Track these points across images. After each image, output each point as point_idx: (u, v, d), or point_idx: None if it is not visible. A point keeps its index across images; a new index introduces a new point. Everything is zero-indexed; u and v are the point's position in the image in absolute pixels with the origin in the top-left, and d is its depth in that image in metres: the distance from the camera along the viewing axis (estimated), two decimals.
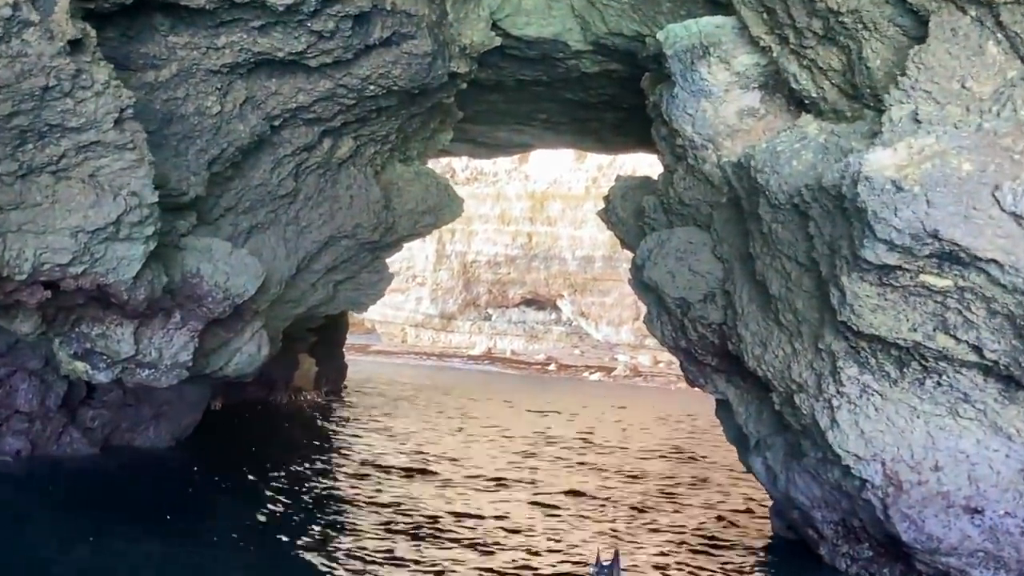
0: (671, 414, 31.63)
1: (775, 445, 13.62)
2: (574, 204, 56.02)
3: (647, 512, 15.61)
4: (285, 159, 14.36)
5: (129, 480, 15.58)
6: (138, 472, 16.27)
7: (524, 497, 16.07)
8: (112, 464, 16.37)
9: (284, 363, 26.86)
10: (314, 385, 30.42)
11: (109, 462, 16.46)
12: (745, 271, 12.42)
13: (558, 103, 19.65)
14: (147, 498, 14.40)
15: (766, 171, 10.84)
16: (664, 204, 14.67)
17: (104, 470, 15.94)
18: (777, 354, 11.83)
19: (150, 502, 14.05)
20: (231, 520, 13.40)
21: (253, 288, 13.87)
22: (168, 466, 16.90)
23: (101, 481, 15.19)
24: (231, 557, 11.58)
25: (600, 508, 15.64)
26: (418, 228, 18.06)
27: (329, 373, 31.79)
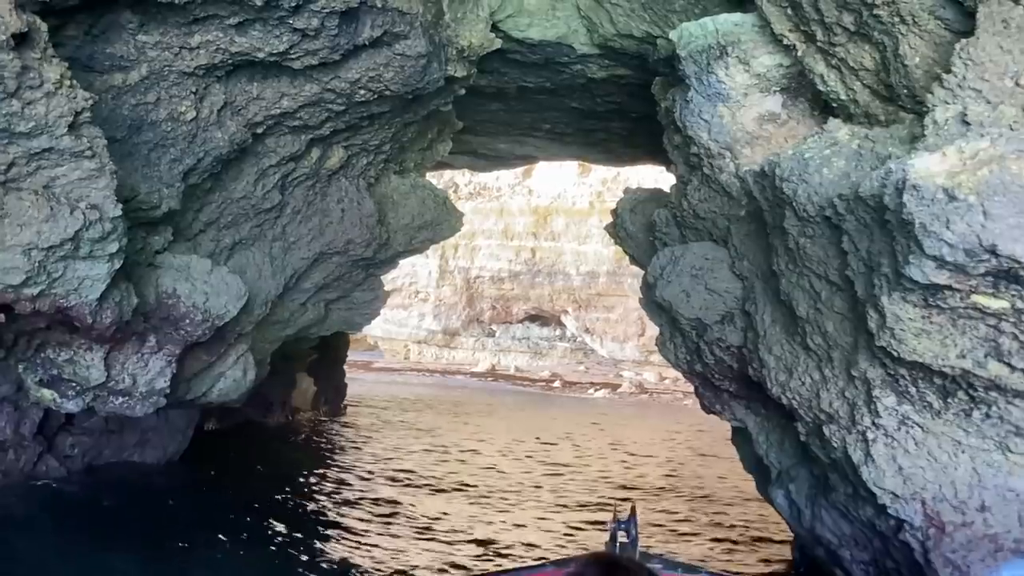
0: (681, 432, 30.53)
1: (799, 477, 12.59)
2: (578, 219, 55.97)
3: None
4: (270, 170, 13.36)
5: (107, 502, 14.67)
6: (119, 494, 15.37)
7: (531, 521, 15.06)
8: (90, 486, 15.49)
9: (281, 383, 26.19)
10: (312, 405, 29.75)
11: (87, 484, 15.60)
12: (768, 290, 11.40)
13: (563, 112, 18.70)
14: (123, 520, 13.72)
15: (793, 180, 9.82)
16: (677, 217, 13.67)
17: (81, 492, 15.08)
18: (804, 381, 10.78)
19: (125, 524, 13.41)
20: (207, 546, 12.71)
21: (235, 309, 12.87)
22: (151, 488, 15.97)
23: (77, 502, 14.38)
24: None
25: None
26: (415, 244, 17.02)
27: (328, 392, 31.11)
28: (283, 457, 20.62)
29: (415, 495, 16.79)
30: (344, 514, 15.17)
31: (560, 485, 18.96)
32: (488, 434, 27.82)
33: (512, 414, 34.21)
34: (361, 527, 14.49)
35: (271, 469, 18.72)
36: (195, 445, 18.84)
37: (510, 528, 14.82)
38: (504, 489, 17.43)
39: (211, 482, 16.98)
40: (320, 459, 20.88)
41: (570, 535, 15.09)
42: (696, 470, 22.52)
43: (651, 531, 15.56)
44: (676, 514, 17.35)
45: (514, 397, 42.99)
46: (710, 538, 15.76)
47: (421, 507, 15.87)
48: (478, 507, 15.99)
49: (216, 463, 18.83)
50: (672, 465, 23.03)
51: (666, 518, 16.93)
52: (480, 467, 20.54)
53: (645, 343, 53.69)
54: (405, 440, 24.71)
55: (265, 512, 14.52)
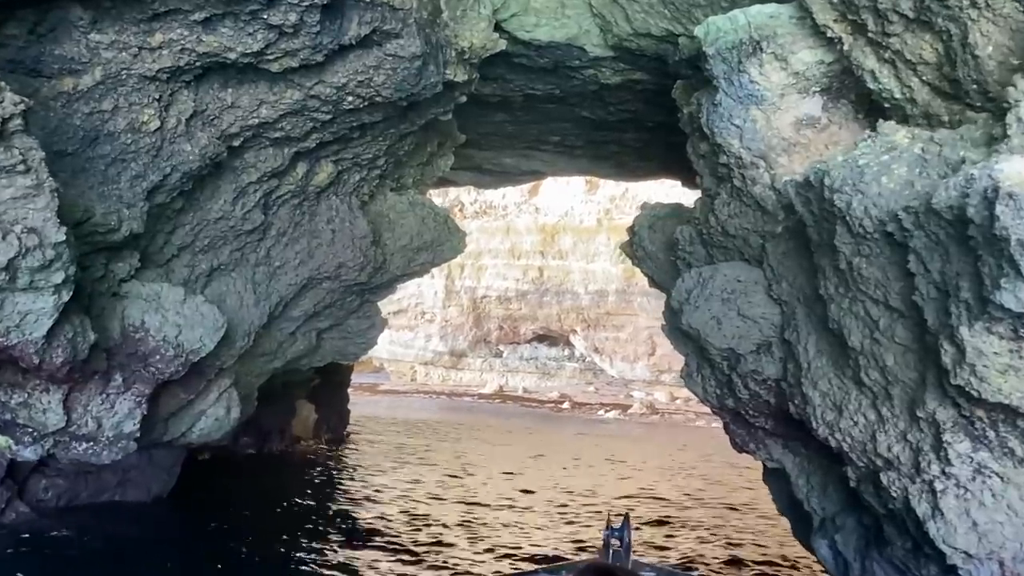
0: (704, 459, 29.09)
1: (846, 527, 11.20)
2: (586, 237, 55.27)
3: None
4: (250, 187, 12.04)
5: (73, 550, 13.34)
6: (96, 533, 14.13)
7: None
8: (65, 528, 14.15)
9: (279, 410, 25.22)
10: (314, 433, 28.63)
11: (59, 527, 14.22)
12: (812, 316, 10.04)
13: (572, 123, 17.40)
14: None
15: (846, 191, 8.45)
16: (703, 235, 12.33)
17: (52, 536, 13.76)
18: (857, 421, 9.40)
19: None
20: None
21: (212, 342, 11.55)
22: (124, 533, 14.64)
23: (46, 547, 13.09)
24: None
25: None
26: (413, 267, 15.63)
27: (330, 419, 29.96)
28: (277, 493, 19.10)
29: (415, 538, 15.32)
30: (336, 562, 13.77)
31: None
32: (502, 462, 26.34)
33: (525, 439, 32.73)
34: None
35: (262, 508, 17.26)
36: (185, 479, 17.50)
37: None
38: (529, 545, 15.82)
39: (192, 524, 15.59)
40: (315, 494, 19.43)
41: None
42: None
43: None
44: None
45: (523, 419, 41.58)
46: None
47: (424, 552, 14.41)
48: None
49: (203, 501, 17.45)
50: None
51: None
52: (497, 511, 19.02)
53: (656, 363, 52.92)
54: (408, 471, 23.25)
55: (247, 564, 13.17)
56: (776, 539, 16.88)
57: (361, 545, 14.30)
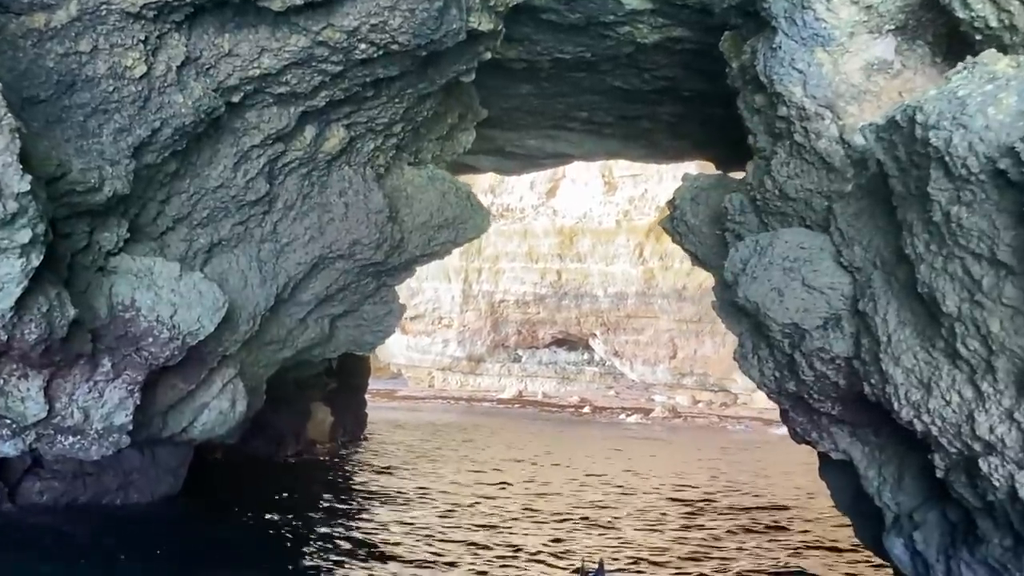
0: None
1: (927, 523, 9.96)
2: (605, 239, 54.44)
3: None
4: (253, 152, 10.86)
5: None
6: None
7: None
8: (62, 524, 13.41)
9: (294, 413, 24.75)
10: (330, 436, 27.79)
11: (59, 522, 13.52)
12: (893, 282, 8.77)
13: (602, 95, 16.22)
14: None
15: (944, 126, 7.18)
16: (756, 202, 11.09)
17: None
18: (950, 399, 8.12)
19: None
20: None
21: (211, 324, 10.35)
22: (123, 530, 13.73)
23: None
24: None
25: None
26: (434, 246, 14.34)
27: (346, 423, 29.15)
28: (288, 497, 17.85)
29: (428, 549, 13.98)
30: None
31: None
32: (525, 469, 25.03)
33: (550, 445, 31.39)
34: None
35: (271, 511, 16.03)
36: (193, 481, 16.68)
37: None
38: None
39: (190, 529, 14.38)
40: (328, 499, 18.17)
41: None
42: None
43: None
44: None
45: (545, 425, 40.32)
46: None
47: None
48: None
49: (209, 504, 16.32)
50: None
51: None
52: (511, 520, 17.68)
53: (677, 366, 52.01)
54: (424, 477, 21.96)
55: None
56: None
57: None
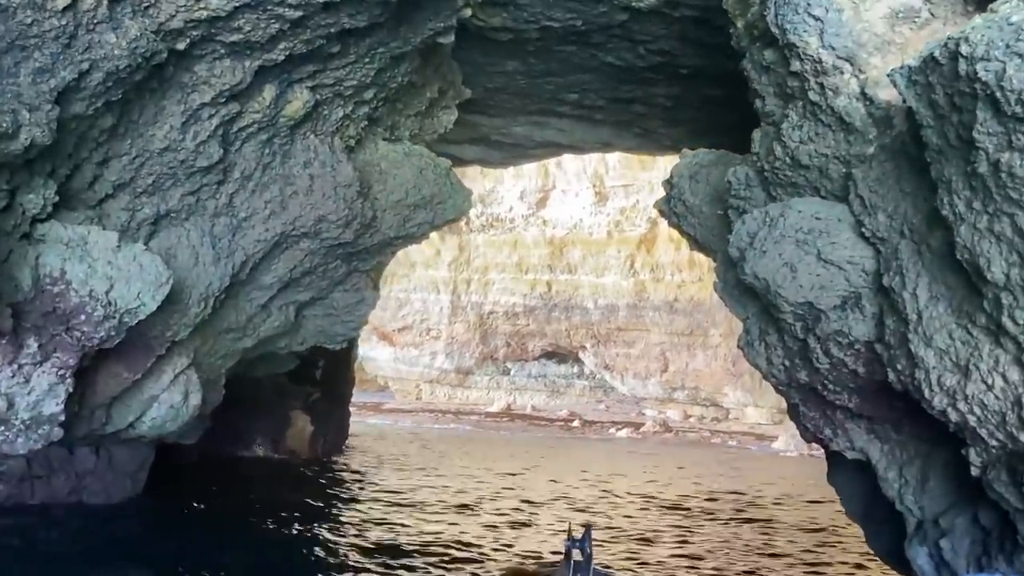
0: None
1: (956, 530, 8.84)
2: (595, 250, 54.19)
3: None
4: (203, 111, 9.74)
5: None
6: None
7: None
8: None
9: (273, 420, 24.39)
10: (309, 445, 26.74)
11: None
12: (924, 252, 7.67)
13: (594, 74, 15.22)
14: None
15: (996, 56, 6.10)
16: (764, 173, 9.99)
17: None
18: (992, 383, 7.01)
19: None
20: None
21: (153, 302, 9.24)
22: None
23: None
24: None
25: None
26: (410, 228, 13.16)
27: (327, 433, 28.09)
28: (255, 504, 16.66)
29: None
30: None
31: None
32: (513, 487, 23.82)
33: (536, 461, 30.22)
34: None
35: (234, 517, 14.86)
36: (157, 485, 15.50)
37: None
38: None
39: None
40: (296, 507, 17.02)
41: None
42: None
43: None
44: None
45: (533, 439, 39.24)
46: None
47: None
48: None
49: (171, 507, 15.14)
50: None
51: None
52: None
53: (668, 379, 51.59)
54: (399, 490, 20.72)
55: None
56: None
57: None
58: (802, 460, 33.27)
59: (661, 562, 13.70)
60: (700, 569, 13.42)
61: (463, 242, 55.93)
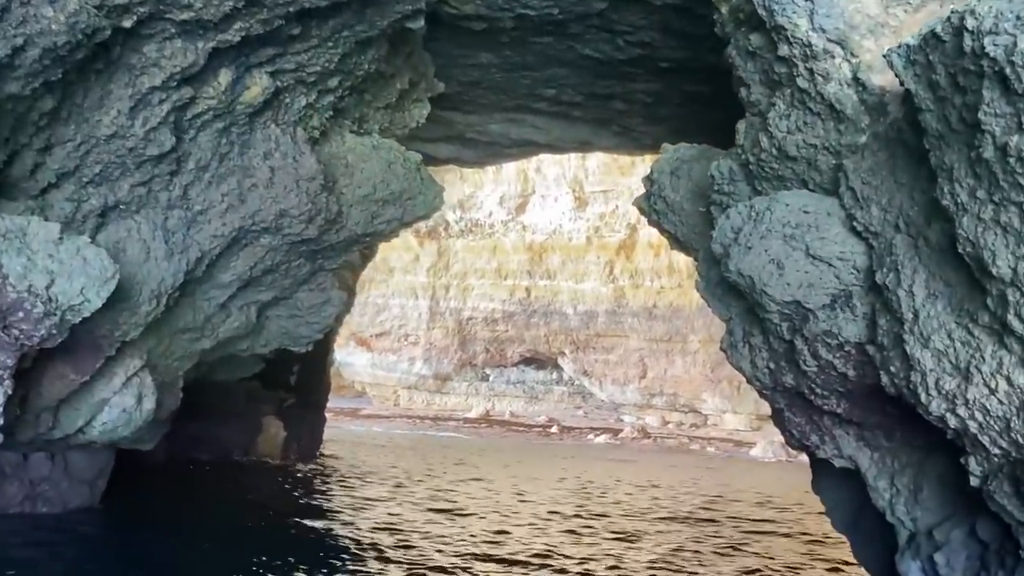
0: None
1: (951, 543, 8.38)
2: (575, 256, 54.10)
3: None
4: (154, 95, 9.14)
5: None
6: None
7: None
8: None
9: (244, 426, 24.25)
10: (282, 452, 26.50)
11: None
12: (922, 246, 7.17)
13: (571, 68, 14.69)
14: None
15: (1005, 29, 5.60)
16: (748, 166, 9.48)
17: None
18: (996, 387, 6.51)
19: None
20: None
21: (98, 298, 8.60)
22: None
23: None
24: None
25: None
26: (378, 224, 12.53)
27: (300, 439, 27.67)
28: (215, 514, 16.06)
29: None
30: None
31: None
32: (488, 494, 23.29)
33: (515, 468, 29.74)
34: None
35: (194, 526, 14.26)
36: (118, 492, 14.94)
37: None
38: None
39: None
40: (265, 513, 16.44)
41: None
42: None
43: None
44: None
45: (511, 445, 38.87)
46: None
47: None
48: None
49: (129, 516, 14.53)
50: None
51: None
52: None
53: (647, 385, 51.52)
54: (370, 496, 20.23)
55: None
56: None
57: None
58: (781, 466, 33.20)
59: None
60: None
61: (442, 247, 55.73)
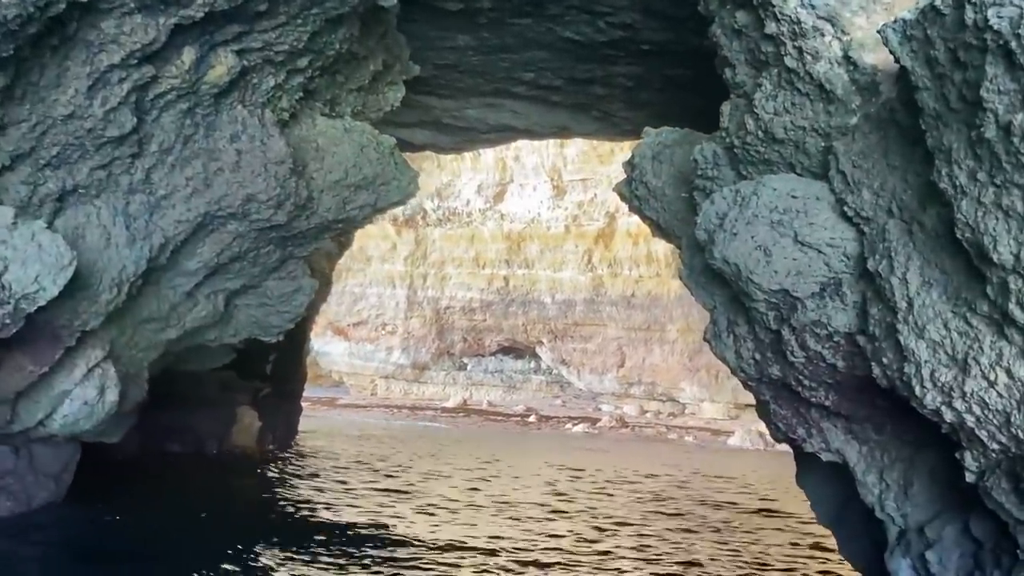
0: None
1: (943, 541, 8.05)
2: (553, 245, 53.98)
3: None
4: (113, 74, 8.72)
5: None
6: None
7: None
8: None
9: (218, 416, 23.46)
10: (257, 442, 26.11)
11: None
12: (916, 232, 6.85)
13: (551, 51, 14.38)
14: None
15: (1009, 3, 5.28)
16: (733, 149, 9.15)
17: None
18: (995, 379, 6.20)
19: None
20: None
21: (54, 286, 8.22)
22: None
23: None
24: None
25: None
26: (350, 210, 12.10)
27: (276, 429, 27.38)
28: (186, 506, 15.64)
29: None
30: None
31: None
32: (448, 489, 22.94)
33: (494, 455, 29.45)
34: None
35: (161, 521, 13.85)
36: (87, 486, 14.19)
37: None
38: None
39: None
40: (241, 504, 16.06)
41: None
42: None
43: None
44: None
45: (489, 434, 38.70)
46: None
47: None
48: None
49: (98, 512, 14.05)
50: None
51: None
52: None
53: (625, 374, 51.52)
54: (346, 489, 19.85)
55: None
56: None
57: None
58: (759, 455, 33.19)
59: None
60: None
61: (419, 236, 55.48)
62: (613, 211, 47.62)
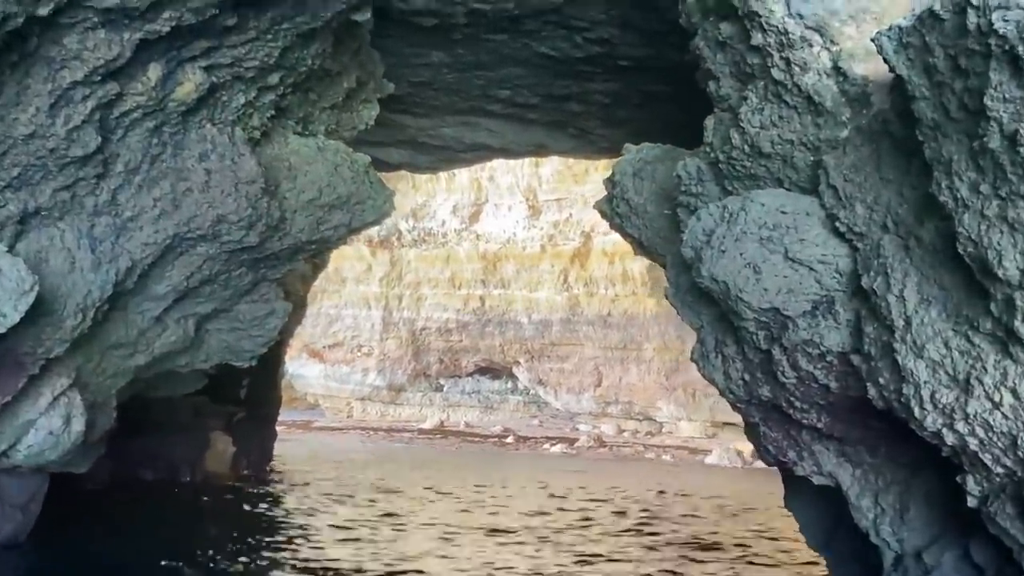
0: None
1: (943, 567, 7.82)
2: (529, 264, 53.85)
3: None
4: (76, 91, 8.41)
5: None
6: None
7: None
8: None
9: (190, 442, 23.26)
10: (231, 468, 25.80)
11: None
12: (914, 247, 6.63)
13: (527, 68, 14.22)
14: None
15: (1015, 6, 5.07)
16: (718, 165, 8.93)
17: None
18: (1000, 400, 5.97)
19: None
20: None
21: (15, 312, 7.91)
22: None
23: None
24: None
25: None
26: (324, 230, 11.77)
27: (250, 454, 27.05)
28: (161, 539, 15.25)
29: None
30: None
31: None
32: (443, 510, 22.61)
33: (470, 478, 29.13)
34: None
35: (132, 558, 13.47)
36: (55, 517, 13.90)
37: None
38: None
39: None
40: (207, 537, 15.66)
41: None
42: None
43: None
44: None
45: (467, 456, 38.36)
46: None
47: None
48: None
49: (64, 547, 13.66)
50: None
51: None
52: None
53: (602, 394, 51.33)
54: (321, 513, 19.47)
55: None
56: None
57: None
58: (737, 472, 33.03)
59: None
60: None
61: (395, 257, 55.23)
62: (589, 230, 47.49)
